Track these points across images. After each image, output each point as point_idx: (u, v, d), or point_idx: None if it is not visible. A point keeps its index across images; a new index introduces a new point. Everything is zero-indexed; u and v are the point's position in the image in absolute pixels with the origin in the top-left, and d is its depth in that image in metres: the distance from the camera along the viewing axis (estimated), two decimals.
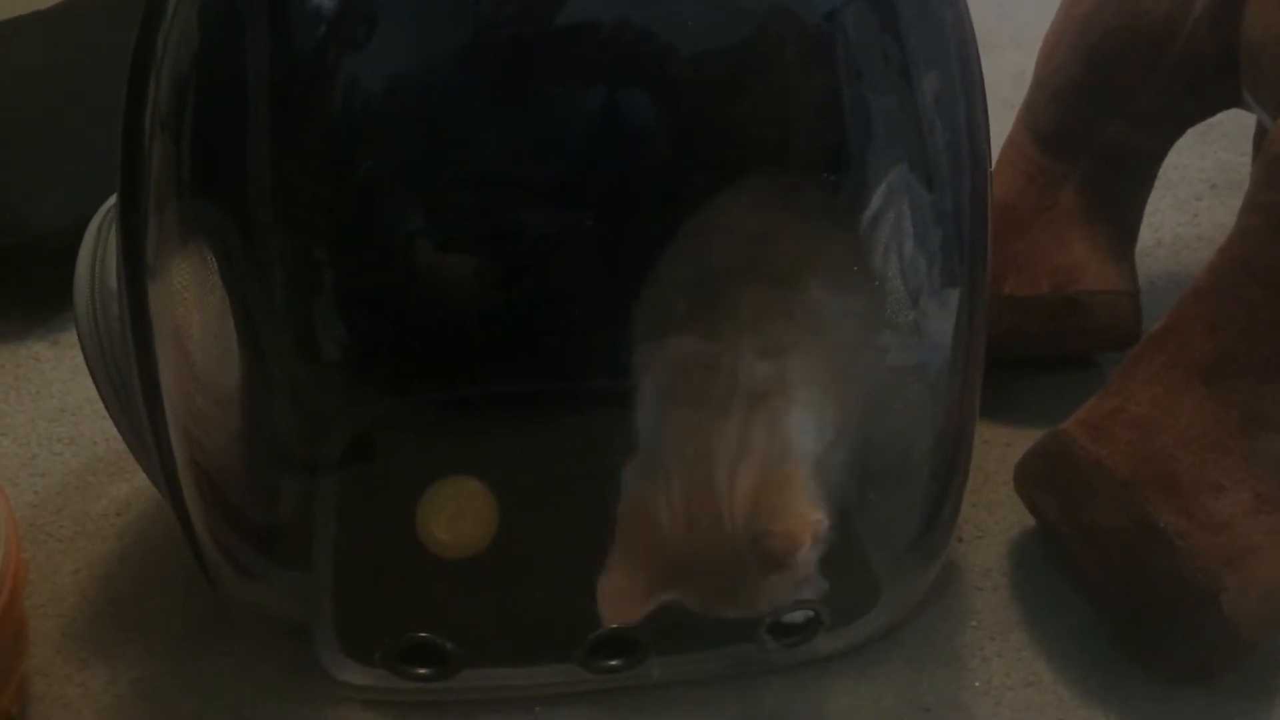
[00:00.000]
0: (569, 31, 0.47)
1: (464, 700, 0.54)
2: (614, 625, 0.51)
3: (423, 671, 0.52)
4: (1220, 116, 0.69)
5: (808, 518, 0.49)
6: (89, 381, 0.54)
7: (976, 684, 0.55)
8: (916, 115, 0.49)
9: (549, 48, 0.47)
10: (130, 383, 0.50)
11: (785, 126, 0.49)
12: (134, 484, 0.66)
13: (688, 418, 0.49)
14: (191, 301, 0.49)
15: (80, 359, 0.54)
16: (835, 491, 0.50)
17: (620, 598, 0.50)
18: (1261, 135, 0.71)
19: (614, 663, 0.53)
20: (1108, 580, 0.55)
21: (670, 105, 0.48)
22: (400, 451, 0.54)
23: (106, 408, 0.54)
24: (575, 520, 0.51)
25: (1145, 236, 0.73)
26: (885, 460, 0.53)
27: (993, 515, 0.64)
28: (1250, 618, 0.51)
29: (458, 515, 0.52)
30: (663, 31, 0.47)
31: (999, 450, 0.67)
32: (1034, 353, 0.71)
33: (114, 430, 0.56)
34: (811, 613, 0.53)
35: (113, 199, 0.49)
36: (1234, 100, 0.65)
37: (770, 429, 0.49)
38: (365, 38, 0.45)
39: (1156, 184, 0.72)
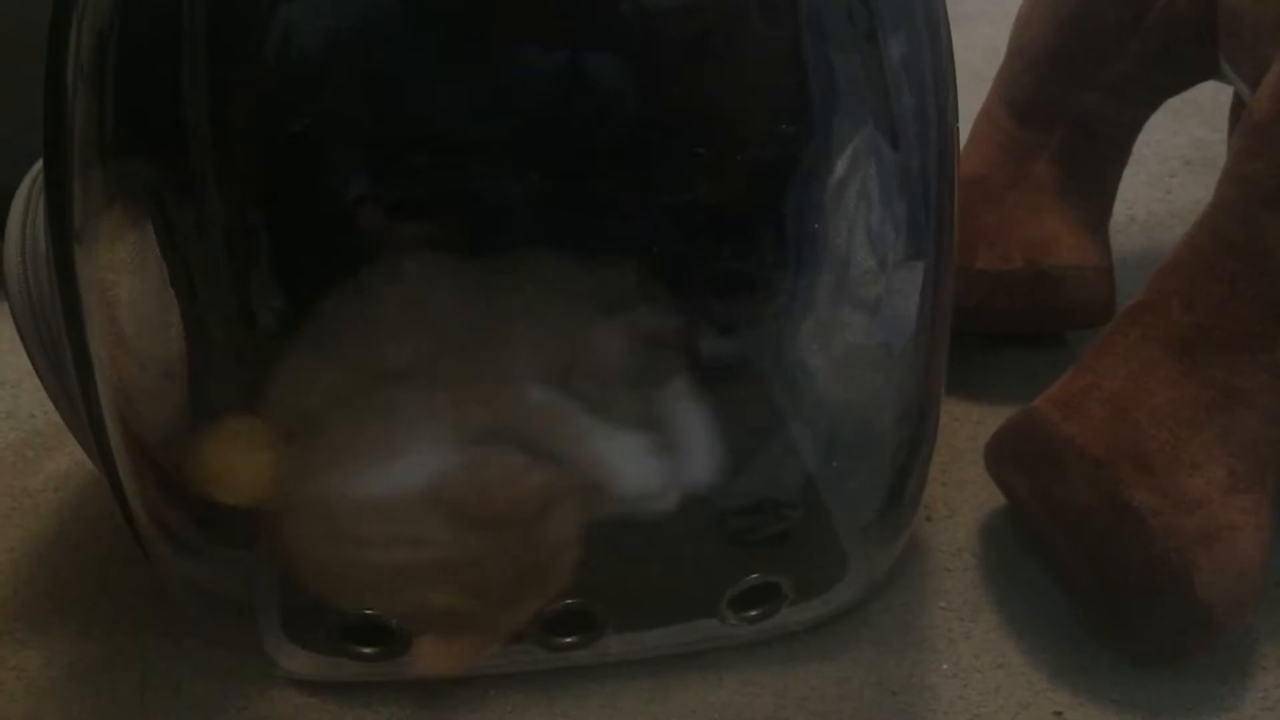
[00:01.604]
0: None
1: (411, 682, 0.52)
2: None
3: (368, 651, 0.50)
4: (1194, 93, 0.68)
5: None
6: (22, 344, 0.52)
7: (945, 666, 0.54)
8: (882, 78, 0.47)
9: (507, 5, 0.44)
10: (62, 350, 0.47)
11: (747, 86, 0.47)
12: (73, 458, 0.64)
13: None
14: (123, 267, 0.47)
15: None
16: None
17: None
18: (1239, 108, 0.69)
19: (569, 640, 0.51)
20: (1079, 560, 0.54)
21: (626, 61, 0.46)
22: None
23: (40, 378, 0.52)
24: None
25: (1119, 213, 0.72)
26: (849, 432, 0.51)
27: (963, 494, 0.62)
28: (1224, 598, 0.50)
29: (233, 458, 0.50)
30: None
31: (969, 428, 0.66)
32: (1006, 328, 0.70)
33: (52, 404, 0.53)
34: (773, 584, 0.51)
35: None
36: (1211, 71, 0.64)
37: None
38: None
39: (1130, 161, 0.71)
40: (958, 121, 0.49)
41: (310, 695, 0.52)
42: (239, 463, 0.49)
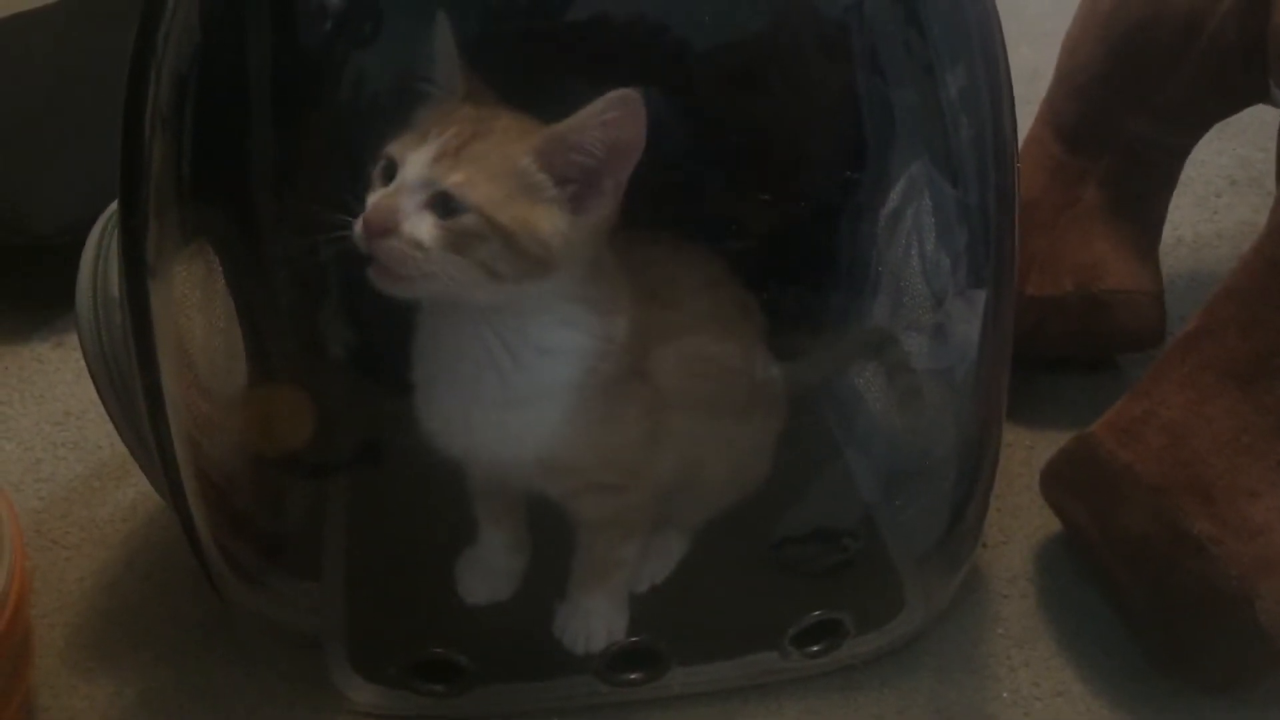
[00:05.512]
0: (580, 27, 0.45)
1: (477, 715, 0.53)
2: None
3: (437, 688, 0.51)
4: (1239, 113, 0.68)
5: None
6: (93, 384, 0.53)
7: (1004, 694, 0.54)
8: (940, 111, 0.48)
9: (560, 43, 0.45)
10: (133, 390, 0.48)
11: (804, 122, 0.48)
12: (140, 489, 0.65)
13: None
14: (195, 305, 0.48)
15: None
16: None
17: None
18: None
19: (633, 675, 0.51)
20: (1138, 587, 0.54)
21: (685, 102, 0.47)
22: (412, 456, 0.52)
23: (110, 416, 0.53)
24: None
25: (1165, 234, 0.72)
26: (909, 464, 0.51)
27: (1017, 520, 0.62)
28: None
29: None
30: (676, 26, 0.46)
31: (1022, 453, 0.66)
32: (1056, 353, 0.70)
33: (121, 439, 0.54)
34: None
35: (115, 204, 0.48)
36: (1260, 95, 0.64)
37: None
38: (371, 33, 0.43)
39: None
40: (1017, 153, 0.49)
41: None
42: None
